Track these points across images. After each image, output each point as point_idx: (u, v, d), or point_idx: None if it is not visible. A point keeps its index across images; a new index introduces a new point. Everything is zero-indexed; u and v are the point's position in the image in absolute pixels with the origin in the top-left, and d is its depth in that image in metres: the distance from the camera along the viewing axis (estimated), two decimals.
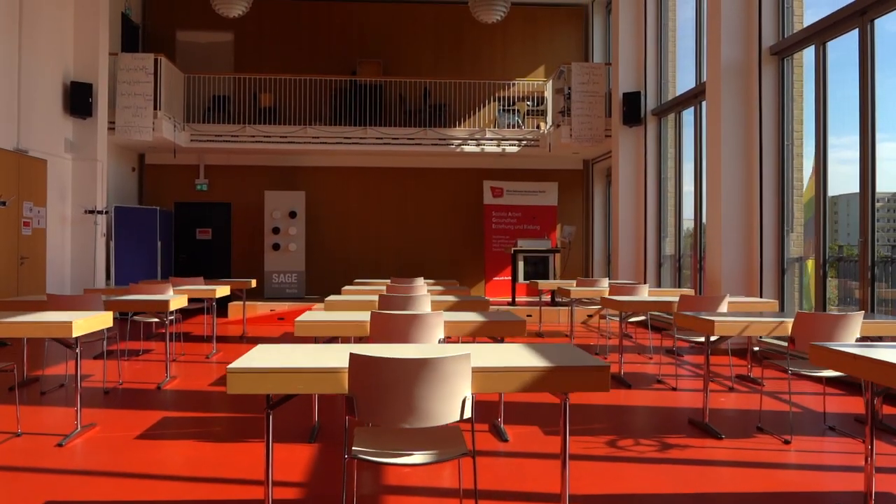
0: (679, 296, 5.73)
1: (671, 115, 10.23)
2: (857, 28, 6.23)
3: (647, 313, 6.95)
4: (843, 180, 6.70)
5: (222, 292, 7.41)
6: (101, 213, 10.08)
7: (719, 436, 4.28)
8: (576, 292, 7.42)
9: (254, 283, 8.99)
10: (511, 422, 4.57)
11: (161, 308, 5.62)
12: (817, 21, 6.78)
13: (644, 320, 7.97)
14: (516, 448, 4.04)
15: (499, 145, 12.48)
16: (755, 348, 7.03)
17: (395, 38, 13.78)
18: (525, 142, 12.53)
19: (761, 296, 7.37)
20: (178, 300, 5.82)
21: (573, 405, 4.93)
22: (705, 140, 8.42)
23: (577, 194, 13.72)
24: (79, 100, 10.02)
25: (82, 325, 4.06)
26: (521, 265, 11.36)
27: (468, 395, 2.44)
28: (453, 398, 2.40)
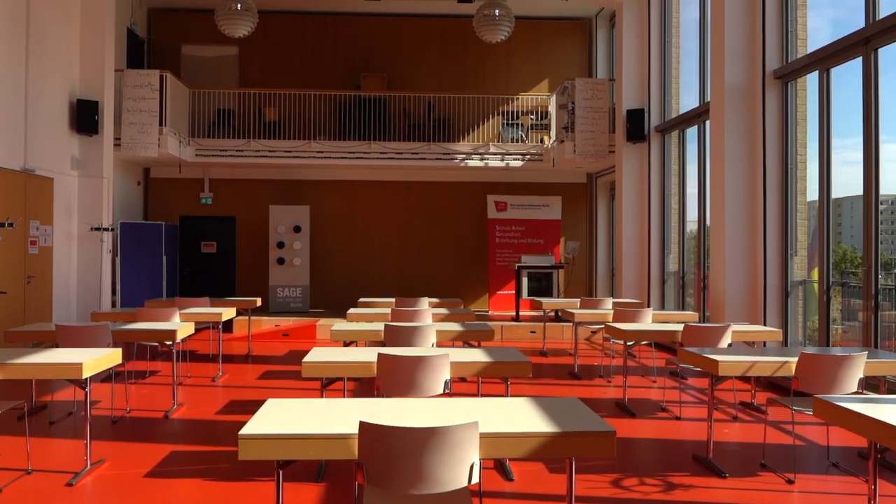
0: (683, 326, 5.76)
1: (675, 133, 10.25)
2: (860, 56, 6.25)
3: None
4: (848, 189, 6.74)
5: (228, 315, 7.45)
6: (107, 231, 10.13)
7: (723, 474, 4.31)
8: (579, 315, 7.45)
9: (259, 303, 9.04)
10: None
11: (168, 338, 5.69)
12: (820, 48, 6.81)
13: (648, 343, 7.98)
14: (522, 488, 4.07)
15: (503, 159, 12.52)
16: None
17: (398, 52, 13.82)
18: (529, 156, 12.56)
19: (765, 321, 7.39)
20: (184, 328, 5.87)
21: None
22: (709, 160, 8.45)
23: (581, 207, 13.75)
24: (85, 117, 10.06)
25: (92, 366, 4.11)
26: (524, 281, 11.41)
27: (476, 461, 2.48)
28: (462, 465, 2.44)
